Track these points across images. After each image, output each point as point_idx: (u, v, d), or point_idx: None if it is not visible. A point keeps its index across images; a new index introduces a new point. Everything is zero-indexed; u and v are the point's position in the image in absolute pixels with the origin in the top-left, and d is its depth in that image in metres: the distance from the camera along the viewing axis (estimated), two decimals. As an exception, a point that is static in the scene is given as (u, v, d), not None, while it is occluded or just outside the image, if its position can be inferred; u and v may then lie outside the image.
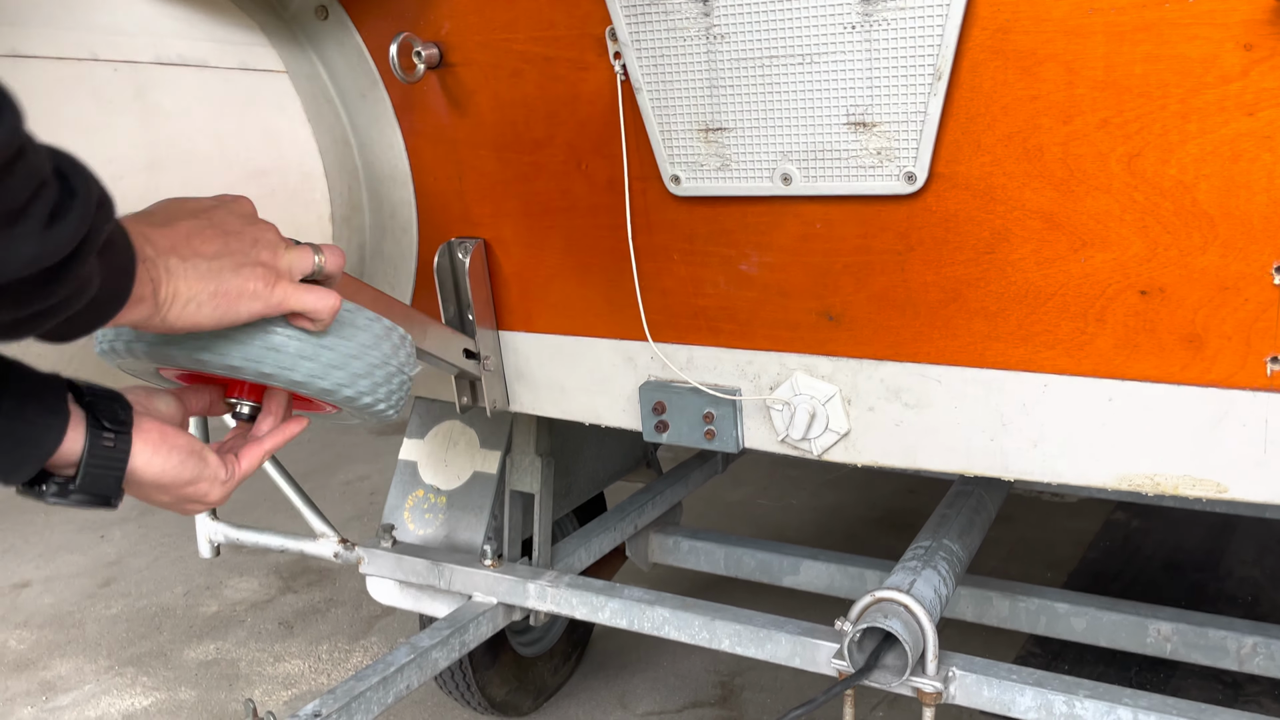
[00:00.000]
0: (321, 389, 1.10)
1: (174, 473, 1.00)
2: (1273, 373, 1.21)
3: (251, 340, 1.04)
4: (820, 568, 2.36)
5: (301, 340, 1.07)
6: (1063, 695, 1.56)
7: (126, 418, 0.96)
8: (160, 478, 0.99)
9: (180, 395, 1.10)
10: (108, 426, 0.94)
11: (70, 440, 0.91)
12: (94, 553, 3.74)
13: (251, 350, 1.04)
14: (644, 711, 2.61)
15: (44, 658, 3.04)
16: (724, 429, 1.56)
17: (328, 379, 1.10)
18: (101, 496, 0.95)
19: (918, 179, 1.29)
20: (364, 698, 1.79)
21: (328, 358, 1.09)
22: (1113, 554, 3.22)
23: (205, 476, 1.02)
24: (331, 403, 1.14)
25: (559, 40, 1.44)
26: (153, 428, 0.98)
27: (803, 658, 1.76)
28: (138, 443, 0.96)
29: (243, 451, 1.10)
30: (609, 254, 1.55)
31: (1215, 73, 1.12)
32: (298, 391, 1.11)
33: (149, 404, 1.05)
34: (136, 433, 0.96)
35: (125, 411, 0.96)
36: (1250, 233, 1.16)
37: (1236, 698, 2.42)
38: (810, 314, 1.45)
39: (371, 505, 4.02)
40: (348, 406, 1.15)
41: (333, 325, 1.09)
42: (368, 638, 3.03)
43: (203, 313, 0.97)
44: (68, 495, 0.94)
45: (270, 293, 1.02)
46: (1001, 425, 1.39)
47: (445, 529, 2.15)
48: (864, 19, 1.24)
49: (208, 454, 1.03)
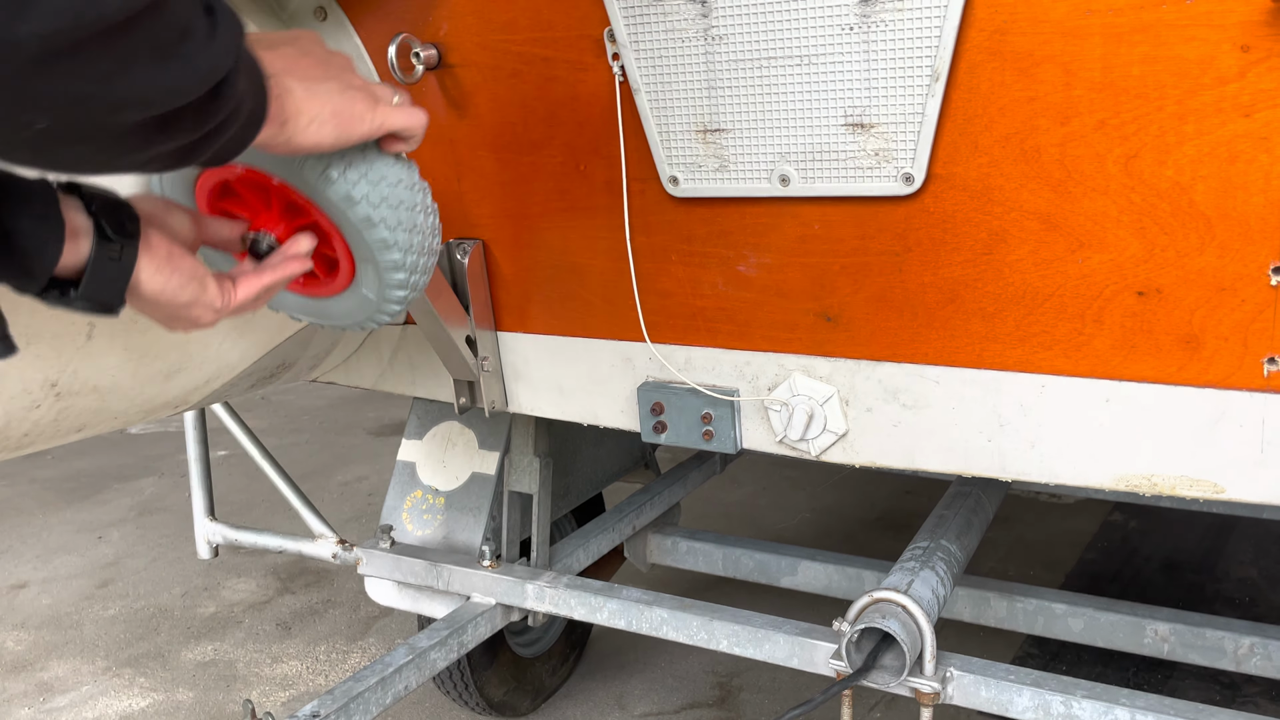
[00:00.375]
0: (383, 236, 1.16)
1: (173, 293, 1.00)
2: (1269, 373, 1.21)
3: (369, 163, 1.12)
4: (818, 568, 2.36)
5: (404, 169, 1.17)
6: (1060, 695, 1.57)
7: (134, 229, 0.97)
8: (159, 296, 1.00)
9: (198, 219, 1.11)
10: (113, 238, 0.95)
11: (77, 249, 0.93)
12: (92, 554, 3.74)
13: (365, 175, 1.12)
14: (642, 712, 2.61)
15: (41, 659, 3.04)
16: (722, 430, 1.56)
17: (400, 227, 1.17)
18: (103, 304, 0.96)
19: (915, 180, 1.30)
20: (362, 698, 1.79)
21: (409, 199, 1.17)
22: (1110, 555, 3.23)
23: (202, 302, 1.03)
24: (378, 248, 1.18)
25: (557, 41, 1.44)
26: (161, 245, 0.99)
27: (800, 658, 1.76)
28: (143, 258, 0.97)
29: (240, 280, 1.09)
30: (607, 255, 1.55)
31: (1212, 74, 1.12)
32: (360, 230, 1.15)
33: (164, 218, 1.06)
34: (143, 247, 0.97)
35: (133, 223, 0.97)
36: (1247, 234, 1.17)
37: (1234, 698, 2.42)
38: (808, 315, 1.45)
39: (370, 506, 4.01)
40: (384, 258, 1.19)
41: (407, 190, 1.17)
42: (366, 639, 3.03)
43: (324, 132, 1.02)
44: (70, 301, 0.95)
45: (373, 115, 1.07)
46: (999, 426, 1.39)
47: (443, 530, 2.15)
48: (862, 20, 1.24)
49: (209, 280, 1.03)
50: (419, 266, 1.24)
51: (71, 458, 4.75)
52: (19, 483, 4.50)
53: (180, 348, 1.44)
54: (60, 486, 4.44)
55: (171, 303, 1.02)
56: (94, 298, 0.95)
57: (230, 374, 1.59)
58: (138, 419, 1.51)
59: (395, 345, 1.83)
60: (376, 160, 1.13)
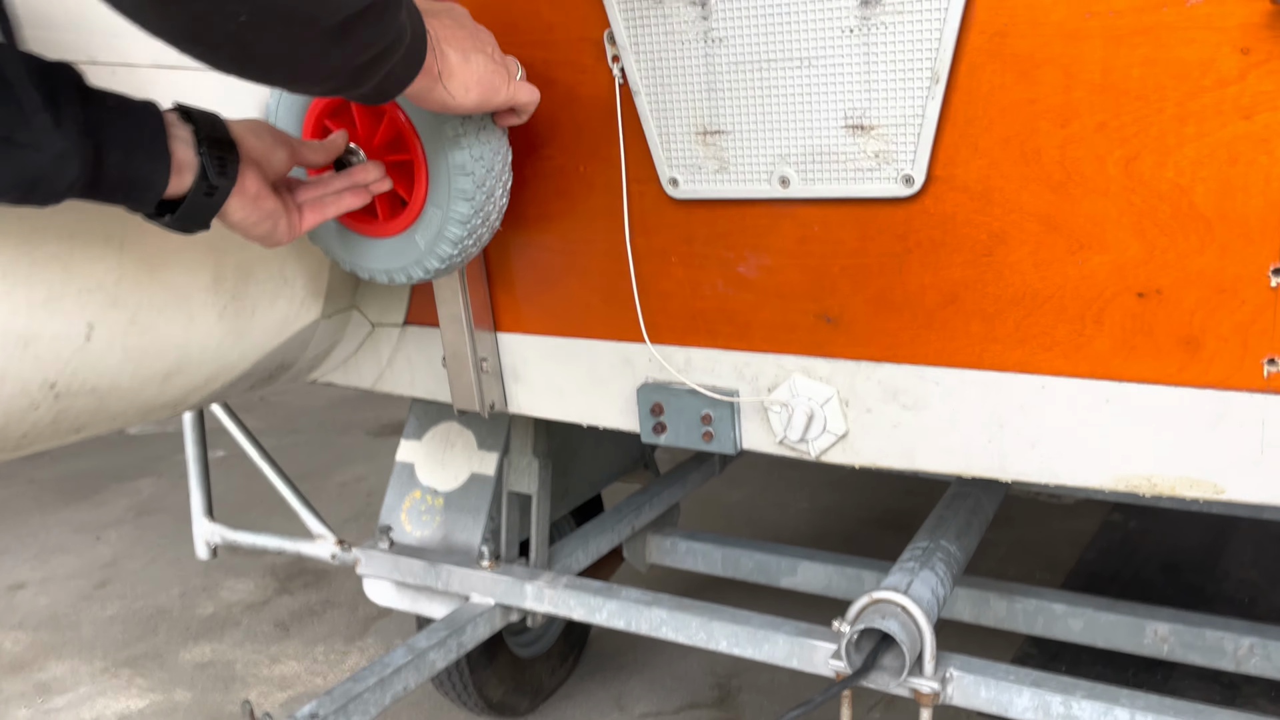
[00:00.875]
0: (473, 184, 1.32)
1: (249, 226, 1.15)
2: (1270, 374, 1.21)
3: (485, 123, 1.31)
4: (817, 569, 2.36)
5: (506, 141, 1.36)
6: (1060, 696, 1.57)
7: (233, 171, 1.10)
8: (238, 225, 1.14)
9: (294, 147, 1.23)
10: (212, 181, 1.08)
11: (181, 182, 1.06)
12: (90, 554, 3.74)
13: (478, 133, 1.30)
14: (641, 713, 2.61)
15: (39, 659, 3.04)
16: (722, 430, 1.56)
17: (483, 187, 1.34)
18: (189, 228, 1.10)
19: (915, 182, 1.30)
20: (361, 699, 1.79)
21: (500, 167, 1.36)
22: (1110, 555, 3.23)
23: (275, 234, 1.18)
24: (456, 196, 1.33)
25: (557, 43, 1.44)
26: (252, 186, 1.13)
27: (800, 658, 1.76)
28: (234, 198, 1.11)
29: (306, 210, 1.23)
30: (607, 256, 1.55)
31: (1212, 76, 1.12)
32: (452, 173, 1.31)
33: (266, 153, 1.17)
34: (236, 188, 1.10)
35: (234, 165, 1.10)
36: (1247, 235, 1.17)
37: (1234, 698, 2.42)
38: (808, 316, 1.45)
39: (368, 506, 4.01)
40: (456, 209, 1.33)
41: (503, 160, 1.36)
42: (364, 639, 3.02)
43: (470, 96, 1.16)
44: (163, 221, 1.09)
45: (508, 89, 1.23)
46: (999, 426, 1.39)
47: (442, 530, 2.15)
48: (862, 22, 1.24)
49: (282, 219, 1.18)
50: (477, 231, 1.38)
51: (69, 458, 4.75)
52: (17, 483, 4.50)
53: (179, 348, 1.44)
54: (58, 487, 4.44)
55: (247, 233, 1.16)
56: (184, 225, 1.09)
57: (229, 375, 1.58)
58: (136, 420, 1.50)
59: (394, 346, 1.83)
60: (490, 124, 1.31)
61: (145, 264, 1.34)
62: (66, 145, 0.95)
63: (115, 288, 1.31)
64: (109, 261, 1.29)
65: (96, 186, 1.00)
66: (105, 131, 0.99)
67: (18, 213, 1.17)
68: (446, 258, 1.39)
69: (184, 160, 1.05)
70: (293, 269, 1.60)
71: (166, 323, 1.40)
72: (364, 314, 1.82)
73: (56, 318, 1.24)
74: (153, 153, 1.02)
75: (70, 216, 1.23)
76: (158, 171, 1.03)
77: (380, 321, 1.82)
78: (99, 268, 1.28)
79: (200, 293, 1.44)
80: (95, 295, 1.28)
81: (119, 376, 1.37)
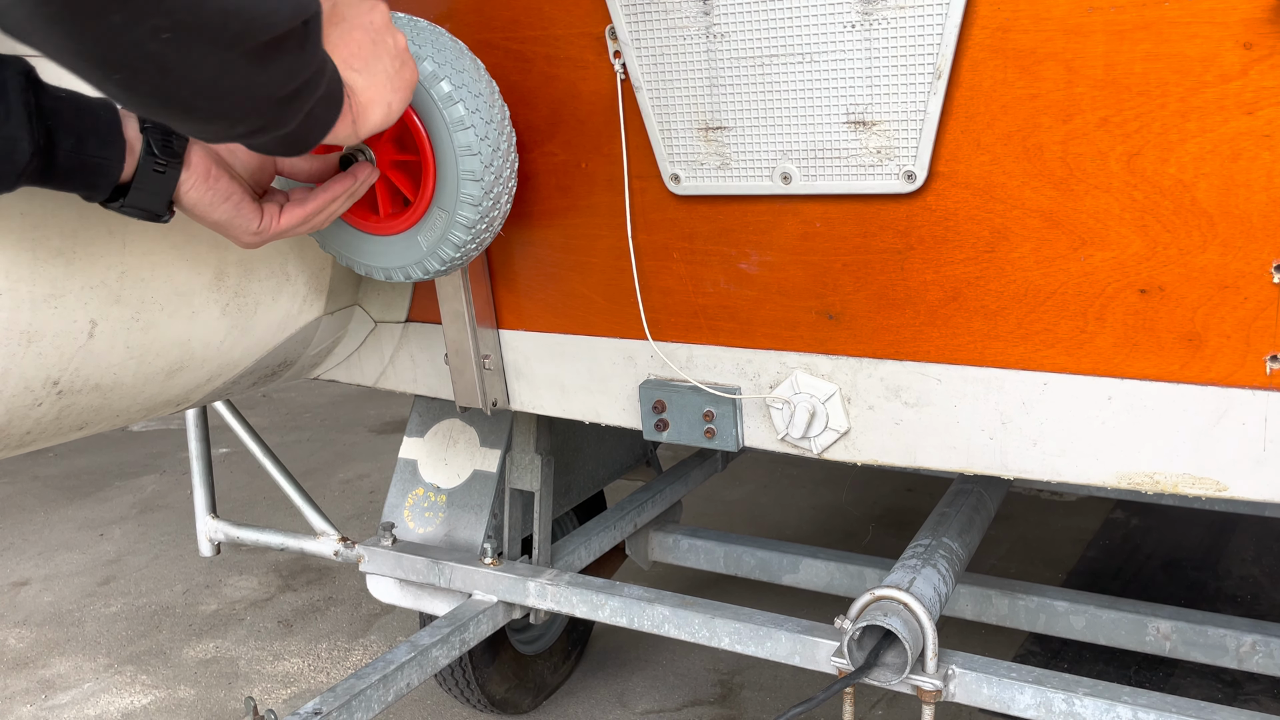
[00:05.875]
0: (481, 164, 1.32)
1: (206, 207, 1.12)
2: (1272, 371, 1.21)
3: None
4: (820, 566, 2.36)
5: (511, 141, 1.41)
6: (1062, 693, 1.57)
7: (180, 148, 1.08)
8: (195, 207, 1.12)
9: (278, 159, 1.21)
10: (159, 156, 1.06)
11: (131, 162, 1.06)
12: (93, 551, 3.74)
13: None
14: (643, 710, 2.61)
15: (43, 656, 3.04)
16: (724, 428, 1.56)
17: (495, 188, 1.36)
18: (150, 212, 1.09)
19: (917, 178, 1.29)
20: (364, 696, 1.79)
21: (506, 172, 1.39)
22: (1112, 552, 3.23)
23: (235, 225, 1.15)
24: (469, 204, 1.34)
25: (559, 39, 1.44)
26: (200, 163, 1.10)
27: (802, 656, 1.76)
28: (186, 175, 1.09)
29: (286, 208, 1.20)
30: (609, 253, 1.55)
31: (1215, 71, 1.12)
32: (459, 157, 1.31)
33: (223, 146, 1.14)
34: (186, 165, 1.09)
35: (180, 142, 1.08)
36: (1250, 231, 1.17)
37: (1236, 696, 2.42)
38: (810, 313, 1.45)
39: (371, 504, 4.02)
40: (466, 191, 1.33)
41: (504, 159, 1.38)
42: (367, 636, 3.03)
43: (391, 113, 1.13)
44: (121, 208, 1.08)
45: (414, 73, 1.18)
46: (1001, 424, 1.39)
47: (445, 527, 2.15)
48: (864, 18, 1.24)
49: (244, 205, 1.15)
50: (480, 235, 1.38)
51: (73, 455, 4.76)
52: (21, 480, 4.51)
53: (182, 345, 1.44)
54: (62, 484, 4.45)
55: (205, 217, 1.13)
56: (141, 205, 1.08)
57: (232, 372, 1.59)
58: (139, 417, 1.51)
59: (397, 343, 1.83)
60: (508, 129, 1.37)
61: (148, 261, 1.34)
62: (16, 131, 0.96)
63: (118, 284, 1.31)
64: (111, 258, 1.29)
65: (49, 173, 1.01)
66: (57, 118, 0.99)
67: (20, 209, 1.17)
68: (448, 260, 1.39)
69: (133, 140, 1.06)
70: (295, 266, 1.60)
71: (169, 319, 1.40)
72: (366, 311, 1.82)
73: (59, 314, 1.24)
74: (107, 140, 1.03)
75: (72, 213, 1.23)
76: (111, 158, 1.04)
77: (383, 318, 1.82)
78: (101, 264, 1.28)
79: (203, 290, 1.44)
80: (98, 292, 1.28)
81: (122, 373, 1.37)
